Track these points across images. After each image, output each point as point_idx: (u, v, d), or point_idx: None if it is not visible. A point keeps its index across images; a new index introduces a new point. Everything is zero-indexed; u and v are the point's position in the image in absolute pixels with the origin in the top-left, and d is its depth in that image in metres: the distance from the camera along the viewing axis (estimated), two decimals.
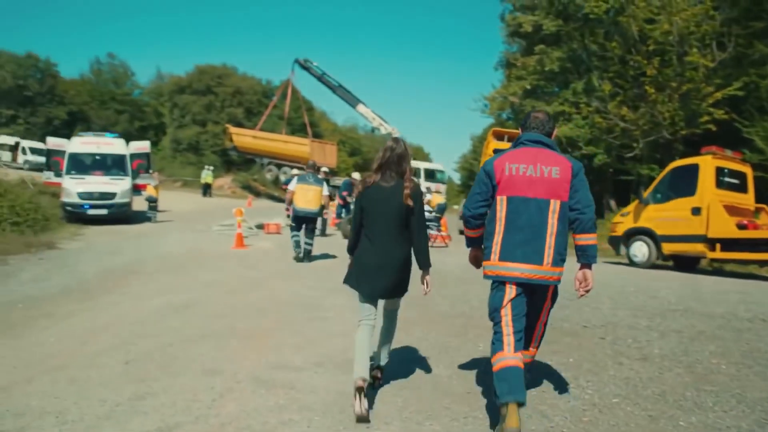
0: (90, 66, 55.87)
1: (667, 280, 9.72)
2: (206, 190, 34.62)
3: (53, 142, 21.72)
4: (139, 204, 21.59)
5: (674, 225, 11.63)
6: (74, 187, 17.71)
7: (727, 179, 11.67)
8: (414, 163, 32.38)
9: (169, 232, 16.14)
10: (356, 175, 18.60)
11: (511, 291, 3.57)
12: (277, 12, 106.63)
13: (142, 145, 22.73)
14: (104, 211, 17.83)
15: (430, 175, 35.00)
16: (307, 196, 10.63)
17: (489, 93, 26.38)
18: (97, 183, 18.08)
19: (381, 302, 4.21)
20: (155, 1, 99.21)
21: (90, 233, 15.98)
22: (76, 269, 9.61)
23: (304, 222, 10.79)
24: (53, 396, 4.04)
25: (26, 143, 38.91)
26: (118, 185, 18.34)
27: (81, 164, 18.89)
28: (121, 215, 18.34)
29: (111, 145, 19.64)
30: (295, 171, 22.33)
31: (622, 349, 5.30)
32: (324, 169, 18.66)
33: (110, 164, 19.25)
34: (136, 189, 21.46)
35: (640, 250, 12.31)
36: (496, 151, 7.41)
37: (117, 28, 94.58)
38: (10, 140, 41.41)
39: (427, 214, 18.31)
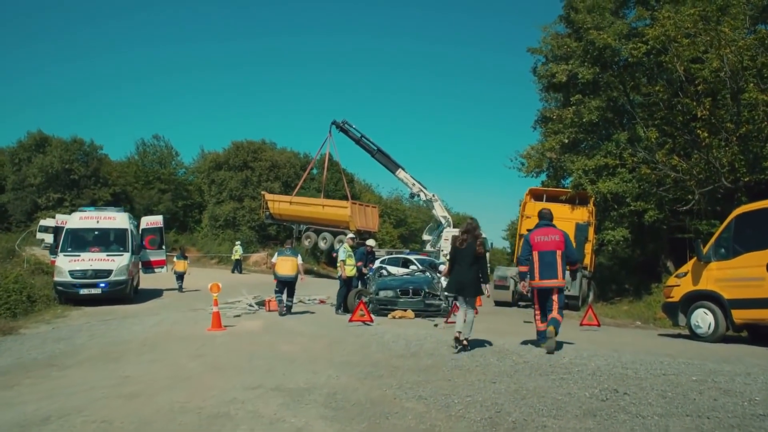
0: (136, 148, 56.55)
1: (744, 360, 7.21)
2: (236, 265, 33.29)
3: (61, 219, 20.65)
4: (151, 281, 20.31)
5: (745, 286, 9.15)
6: (67, 265, 16.26)
7: None
8: (453, 231, 30.36)
9: (159, 312, 14.42)
10: (371, 242, 16.61)
11: (538, 293, 7.92)
12: (314, 84, 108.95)
13: (155, 220, 21.42)
14: (98, 291, 16.27)
15: None
16: (286, 265, 13.09)
17: (524, 150, 24.16)
18: (92, 260, 16.59)
19: None
20: (198, 82, 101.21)
21: (75, 315, 14.39)
22: None
23: (286, 285, 13.11)
24: None
25: None
26: (115, 262, 16.75)
27: (80, 240, 17.54)
28: (118, 294, 16.57)
29: (112, 219, 18.31)
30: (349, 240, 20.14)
31: None
32: (370, 242, 16.43)
33: (111, 240, 17.91)
34: (149, 266, 20.16)
35: (703, 319, 9.76)
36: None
37: (162, 110, 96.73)
38: (53, 222, 41.82)
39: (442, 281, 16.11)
